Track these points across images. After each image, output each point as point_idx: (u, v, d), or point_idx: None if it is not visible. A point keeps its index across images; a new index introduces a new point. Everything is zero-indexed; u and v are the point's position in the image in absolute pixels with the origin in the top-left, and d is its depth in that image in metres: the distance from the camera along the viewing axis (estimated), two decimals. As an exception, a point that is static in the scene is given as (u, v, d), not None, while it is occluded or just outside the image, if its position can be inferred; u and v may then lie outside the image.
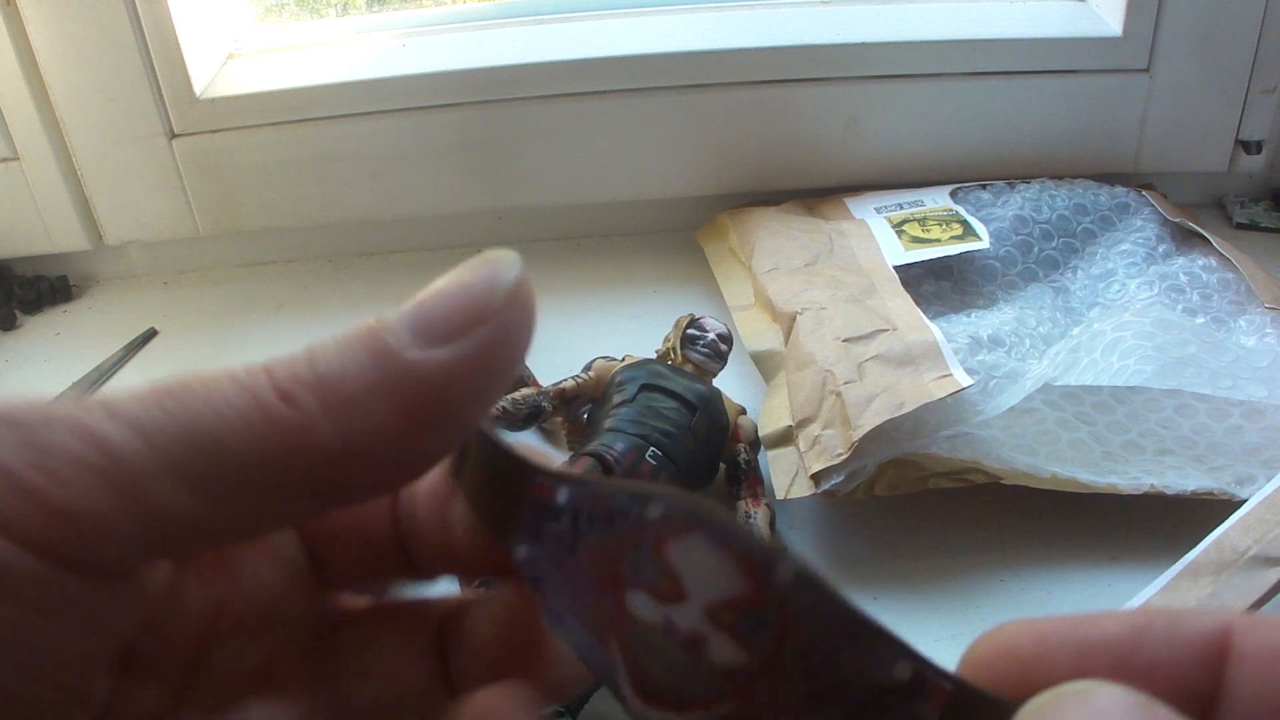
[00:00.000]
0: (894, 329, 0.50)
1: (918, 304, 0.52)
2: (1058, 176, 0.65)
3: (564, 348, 0.59)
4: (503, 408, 0.47)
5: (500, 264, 0.18)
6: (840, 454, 0.44)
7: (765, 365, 0.53)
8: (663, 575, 0.17)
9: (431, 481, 0.21)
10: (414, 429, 0.17)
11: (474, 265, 0.18)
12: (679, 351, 0.51)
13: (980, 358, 0.50)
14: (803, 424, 0.47)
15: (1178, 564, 0.39)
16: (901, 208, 0.62)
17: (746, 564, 0.16)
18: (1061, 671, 0.16)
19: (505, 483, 0.19)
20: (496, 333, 0.18)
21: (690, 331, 0.51)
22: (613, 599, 0.17)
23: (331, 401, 0.17)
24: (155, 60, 0.62)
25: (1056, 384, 0.48)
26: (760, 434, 0.49)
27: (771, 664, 0.16)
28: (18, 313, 0.68)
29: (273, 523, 0.18)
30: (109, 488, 0.16)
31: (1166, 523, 0.45)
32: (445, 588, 0.23)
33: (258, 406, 0.17)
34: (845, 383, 0.46)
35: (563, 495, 0.18)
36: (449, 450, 0.19)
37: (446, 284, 0.18)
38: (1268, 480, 0.41)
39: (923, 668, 0.15)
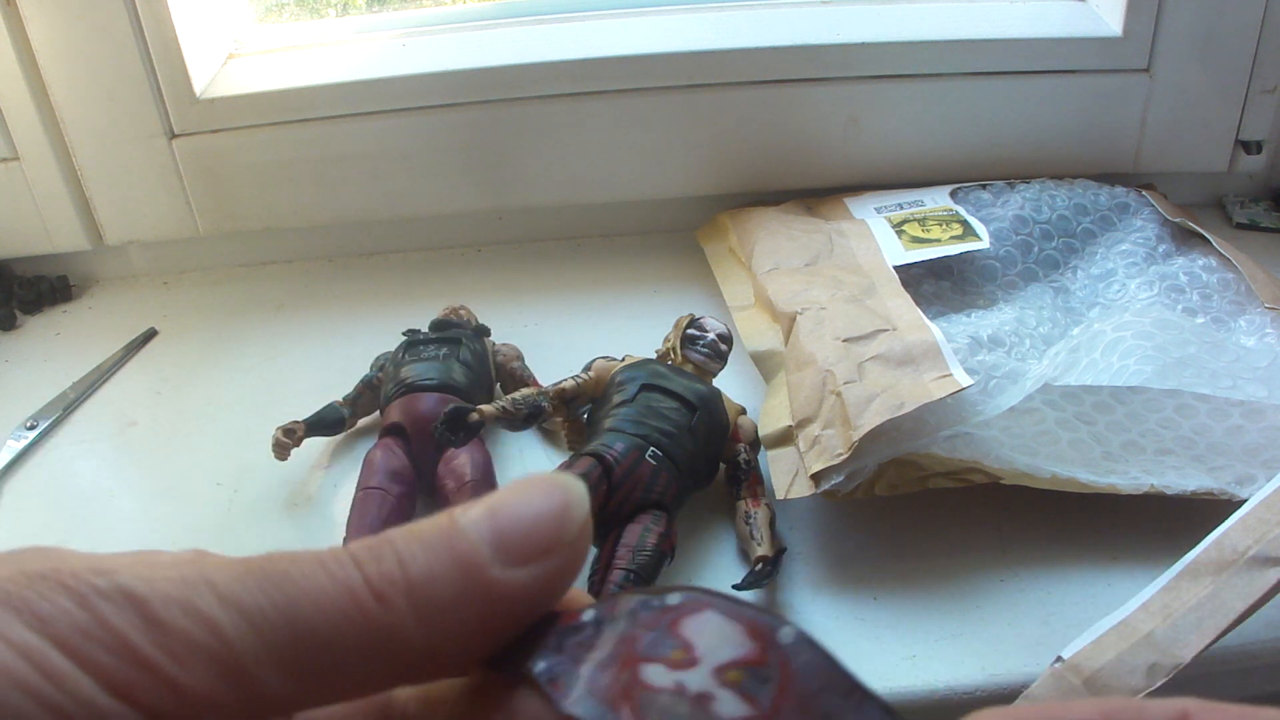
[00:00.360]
0: (894, 329, 0.50)
1: (918, 304, 0.52)
2: (1058, 176, 0.65)
3: (564, 348, 0.59)
4: (503, 407, 0.47)
5: (572, 494, 0.20)
6: (840, 454, 0.44)
7: (765, 365, 0.53)
8: (677, 647, 0.18)
9: None
10: (489, 635, 0.19)
11: (547, 488, 0.20)
12: (679, 351, 0.51)
13: (980, 358, 0.50)
14: (803, 424, 0.47)
15: (1178, 564, 0.39)
16: (901, 208, 0.62)
17: (753, 628, 0.18)
18: None
19: (527, 627, 0.20)
20: (567, 560, 0.20)
21: (690, 331, 0.51)
22: (628, 673, 0.18)
23: (422, 608, 0.18)
24: (155, 60, 0.62)
25: (1056, 384, 0.48)
26: (760, 434, 0.49)
27: (772, 715, 0.17)
28: (18, 313, 0.68)
29: (350, 698, 0.19)
30: (219, 670, 0.17)
31: (1166, 523, 0.45)
32: None
33: (354, 604, 0.18)
34: (845, 383, 0.46)
35: (588, 615, 0.20)
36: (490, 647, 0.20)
37: (522, 502, 0.20)
38: (1268, 480, 0.41)
39: None
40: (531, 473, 0.21)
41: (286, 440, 0.51)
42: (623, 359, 0.51)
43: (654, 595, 0.19)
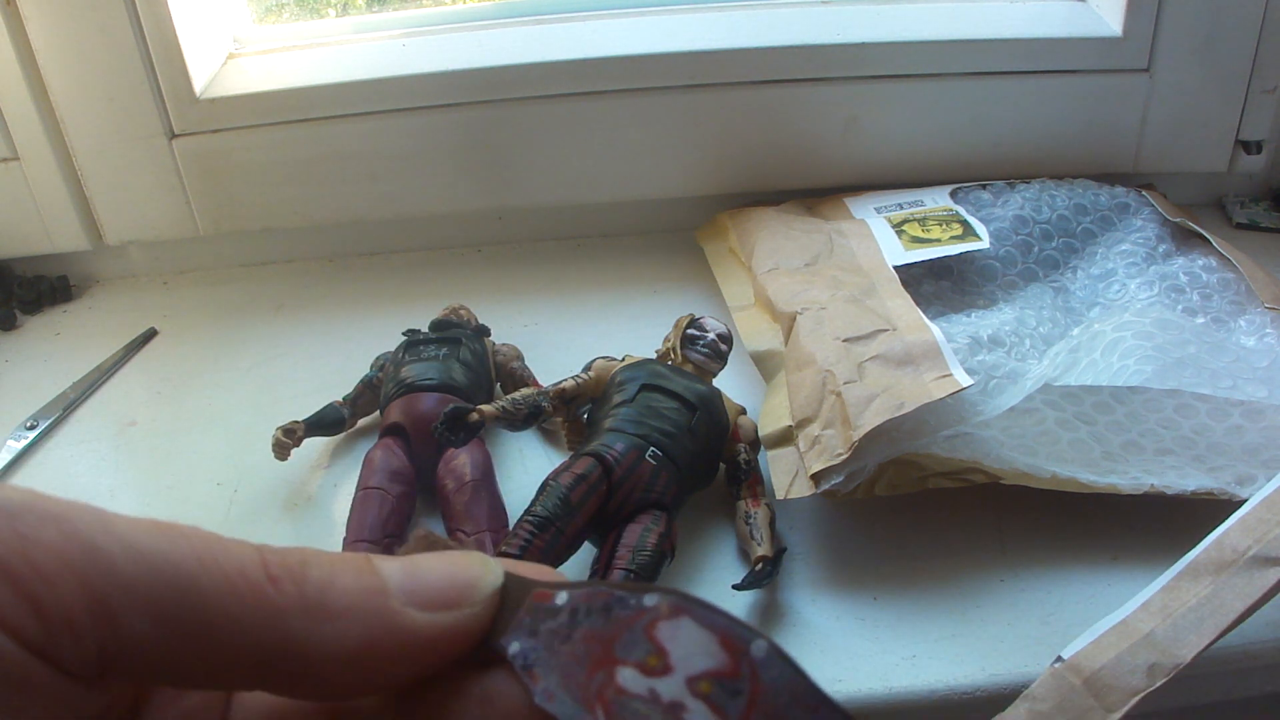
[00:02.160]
0: (894, 329, 0.50)
1: (918, 304, 0.52)
2: (1058, 176, 0.65)
3: (564, 348, 0.59)
4: (503, 407, 0.47)
5: (489, 565, 0.20)
6: (840, 454, 0.44)
7: (765, 365, 0.53)
8: (652, 652, 0.19)
9: None
10: (380, 664, 0.19)
11: (466, 557, 0.21)
12: (679, 351, 0.51)
13: (980, 358, 0.50)
14: (803, 424, 0.47)
15: (1178, 564, 0.39)
16: (901, 208, 0.62)
17: (726, 640, 0.18)
18: None
19: (502, 597, 0.21)
20: (470, 620, 0.20)
21: (690, 331, 0.51)
22: (603, 674, 0.19)
23: (312, 603, 0.18)
24: (155, 60, 0.62)
25: (1056, 384, 0.48)
26: (760, 434, 0.49)
27: None
28: (18, 313, 0.68)
29: (221, 683, 0.19)
30: (85, 594, 0.17)
31: (1166, 523, 0.45)
32: None
33: (242, 574, 0.18)
34: (845, 383, 0.46)
35: (562, 597, 0.20)
36: (391, 688, 0.20)
37: (439, 561, 0.20)
38: (1268, 480, 0.41)
39: None
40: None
41: (286, 440, 0.51)
42: (623, 359, 0.51)
43: (631, 594, 0.19)
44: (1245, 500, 0.40)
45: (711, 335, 0.51)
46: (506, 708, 0.19)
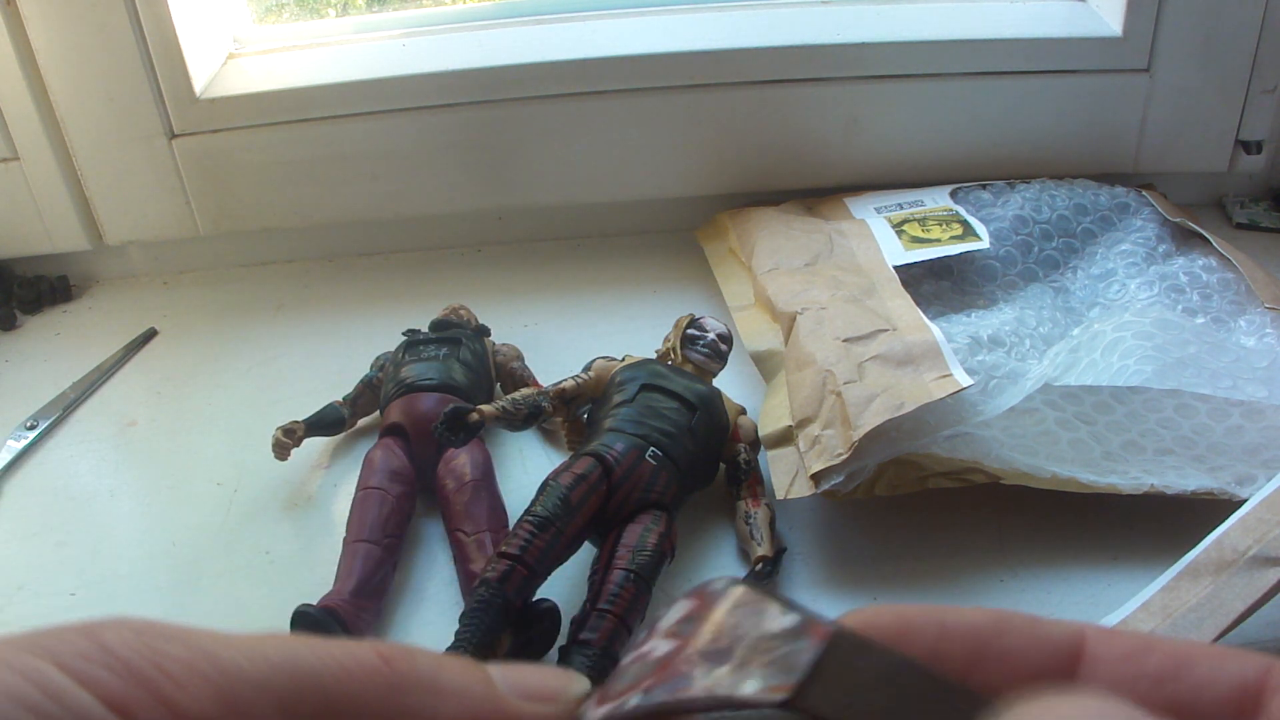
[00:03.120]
0: (894, 329, 0.50)
1: (918, 304, 0.52)
2: (1058, 176, 0.65)
3: (564, 348, 0.59)
4: (503, 407, 0.47)
5: (575, 676, 0.22)
6: (840, 454, 0.44)
7: (765, 365, 0.53)
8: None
9: None
10: None
11: (554, 669, 0.23)
12: (679, 351, 0.51)
13: (980, 358, 0.50)
14: (803, 424, 0.47)
15: (1178, 564, 0.39)
16: (901, 208, 0.62)
17: (696, 593, 0.21)
18: (920, 647, 0.19)
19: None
20: (561, 713, 0.21)
21: (690, 331, 0.51)
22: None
23: (424, 677, 0.20)
24: (155, 60, 0.62)
25: (1056, 384, 0.48)
26: (760, 434, 0.49)
27: (691, 641, 0.20)
28: (18, 313, 0.68)
29: None
30: (214, 694, 0.18)
31: (1166, 523, 0.45)
32: None
33: (357, 660, 0.19)
34: (845, 383, 0.46)
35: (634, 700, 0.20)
36: None
37: (534, 667, 0.22)
38: (1268, 480, 0.41)
39: (808, 617, 0.19)
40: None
41: (286, 440, 0.51)
42: (623, 359, 0.51)
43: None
44: (1245, 500, 0.40)
45: (711, 335, 0.51)
46: None
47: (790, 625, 0.19)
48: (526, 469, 0.52)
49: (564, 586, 0.44)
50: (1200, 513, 0.43)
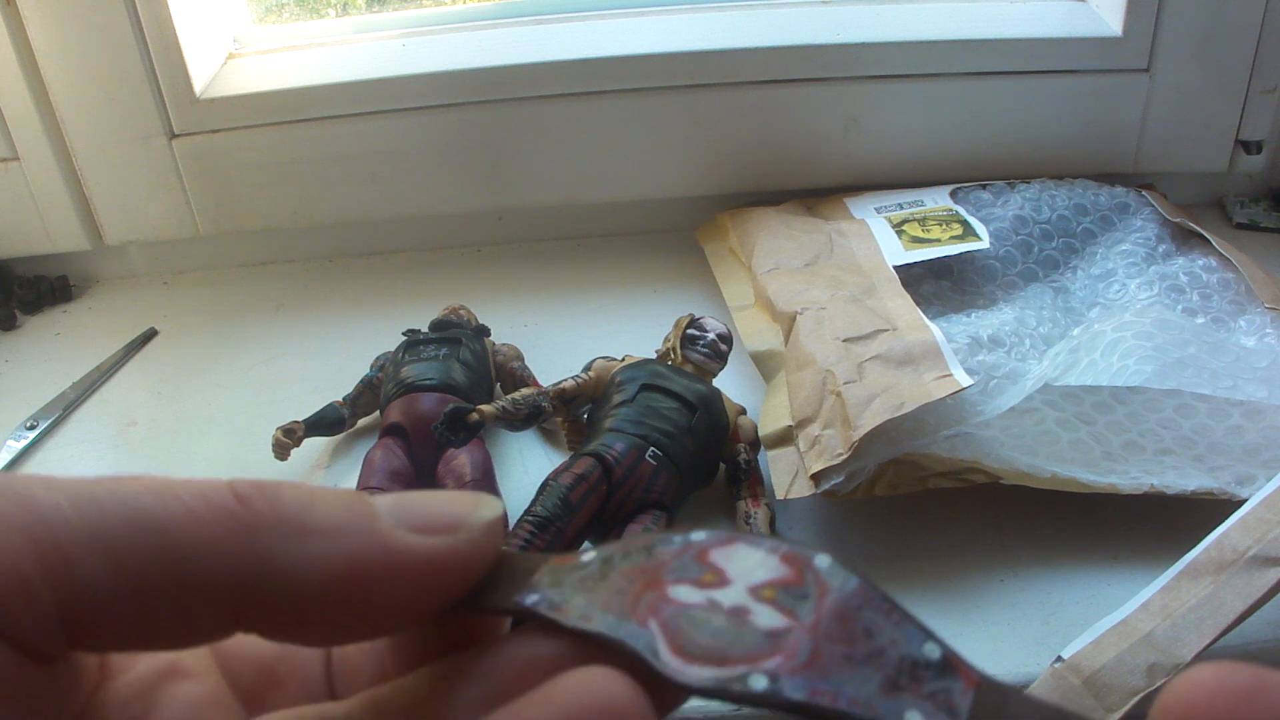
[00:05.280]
0: (894, 329, 0.50)
1: (918, 304, 0.52)
2: (1058, 176, 0.65)
3: (564, 348, 0.59)
4: (502, 407, 0.47)
5: (484, 499, 0.19)
6: (840, 454, 0.44)
7: (765, 365, 0.53)
8: (706, 571, 0.17)
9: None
10: (360, 582, 0.17)
11: (460, 493, 0.19)
12: (679, 351, 0.51)
13: (980, 358, 0.50)
14: (803, 424, 0.47)
15: (1178, 564, 0.39)
16: (901, 208, 0.62)
17: (787, 556, 0.18)
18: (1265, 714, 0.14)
19: (510, 571, 0.19)
20: (467, 543, 0.18)
21: (690, 331, 0.51)
22: (653, 593, 0.17)
23: (287, 516, 0.17)
24: (155, 60, 0.62)
25: (1056, 384, 0.48)
26: (760, 434, 0.49)
27: (813, 627, 0.17)
28: (18, 313, 0.68)
29: (196, 632, 0.17)
30: (32, 546, 0.15)
31: (1166, 523, 0.45)
32: None
33: (204, 499, 0.16)
34: (845, 383, 0.46)
35: (590, 555, 0.19)
36: (384, 629, 0.18)
37: (432, 495, 0.19)
38: (1268, 480, 0.41)
39: (950, 653, 0.17)
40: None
41: (286, 440, 0.51)
42: (623, 359, 0.51)
43: (673, 534, 0.18)
44: (1245, 500, 0.40)
45: (711, 335, 0.51)
46: (531, 654, 0.17)
47: (936, 659, 0.17)
48: (526, 469, 0.52)
49: (564, 586, 0.44)
50: (1200, 513, 0.43)
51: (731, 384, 0.52)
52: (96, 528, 0.16)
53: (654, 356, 0.51)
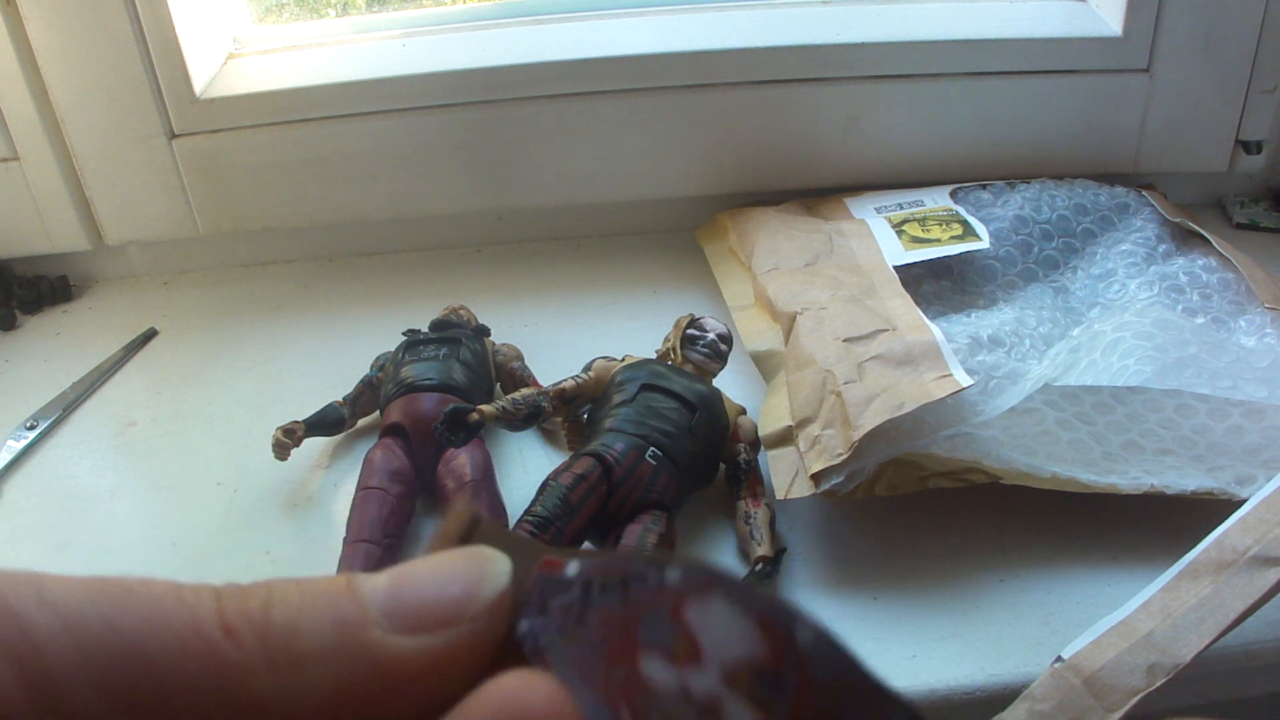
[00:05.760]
0: (894, 329, 0.50)
1: (918, 304, 0.52)
2: (1058, 176, 0.65)
3: (564, 348, 0.59)
4: (502, 407, 0.47)
5: (489, 567, 0.18)
6: (840, 454, 0.44)
7: (765, 365, 0.53)
8: (679, 637, 0.16)
9: None
10: (366, 703, 0.17)
11: (461, 559, 0.18)
12: (679, 351, 0.51)
13: (980, 358, 0.50)
14: (803, 424, 0.47)
15: (1178, 564, 0.39)
16: (901, 208, 0.62)
17: (765, 623, 0.16)
18: None
19: (510, 552, 0.19)
20: (472, 634, 0.17)
21: (690, 331, 0.51)
22: (625, 666, 0.17)
23: (277, 652, 0.16)
24: (155, 60, 0.62)
25: (1056, 384, 0.48)
26: (760, 434, 0.49)
27: None
28: (18, 313, 0.68)
29: None
30: (21, 676, 0.15)
31: (1166, 523, 0.45)
32: None
33: (196, 633, 0.16)
34: (845, 383, 0.46)
35: (573, 568, 0.18)
36: None
37: (429, 570, 0.18)
38: (1268, 480, 0.41)
39: None
40: (448, 551, 0.18)
41: (286, 440, 0.51)
42: (623, 359, 0.51)
43: (649, 566, 0.17)
44: (1245, 500, 0.40)
45: (711, 335, 0.51)
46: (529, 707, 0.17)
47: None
48: (526, 469, 0.52)
49: (564, 586, 0.44)
50: (1200, 513, 0.43)
51: (731, 384, 0.52)
52: (88, 657, 0.15)
53: (654, 356, 0.51)
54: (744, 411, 0.51)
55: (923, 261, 0.58)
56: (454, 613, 0.17)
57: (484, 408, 0.46)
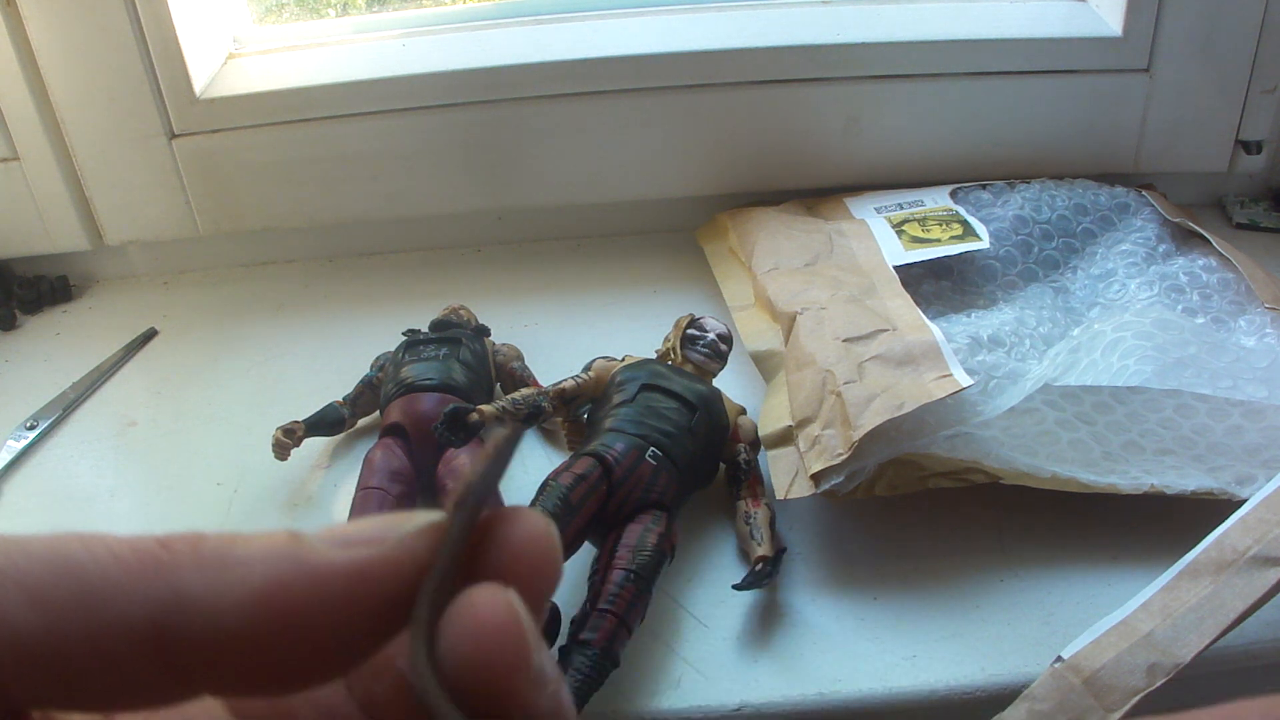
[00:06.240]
0: (894, 329, 0.50)
1: (918, 304, 0.52)
2: (1058, 176, 0.65)
3: (564, 348, 0.59)
4: (502, 407, 0.47)
5: (413, 515, 0.19)
6: (840, 454, 0.44)
7: (765, 365, 0.53)
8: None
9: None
10: (282, 604, 0.17)
11: (390, 515, 0.19)
12: (679, 351, 0.51)
13: (980, 358, 0.50)
14: (803, 424, 0.47)
15: (1178, 564, 0.39)
16: (901, 208, 0.62)
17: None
18: None
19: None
20: (394, 549, 0.18)
21: (690, 331, 0.51)
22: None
23: (207, 555, 0.17)
24: (155, 60, 0.62)
25: (1056, 384, 0.48)
26: (760, 434, 0.49)
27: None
28: (18, 313, 0.68)
29: (131, 684, 0.17)
30: None
31: (1166, 523, 0.45)
32: None
33: (130, 546, 0.16)
34: (845, 383, 0.46)
35: None
36: (331, 662, 0.18)
37: (373, 516, 0.19)
38: (1268, 480, 0.41)
39: None
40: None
41: (286, 440, 0.51)
42: (623, 359, 0.51)
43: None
44: (1245, 500, 0.40)
45: (711, 335, 0.51)
46: None
47: None
48: (526, 469, 0.52)
49: (564, 586, 0.44)
50: (1200, 513, 0.43)
51: (731, 384, 0.52)
52: (21, 572, 0.16)
53: (654, 356, 0.51)
54: (744, 411, 0.51)
55: (923, 261, 0.58)
56: (381, 533, 0.18)
57: (484, 408, 0.46)
